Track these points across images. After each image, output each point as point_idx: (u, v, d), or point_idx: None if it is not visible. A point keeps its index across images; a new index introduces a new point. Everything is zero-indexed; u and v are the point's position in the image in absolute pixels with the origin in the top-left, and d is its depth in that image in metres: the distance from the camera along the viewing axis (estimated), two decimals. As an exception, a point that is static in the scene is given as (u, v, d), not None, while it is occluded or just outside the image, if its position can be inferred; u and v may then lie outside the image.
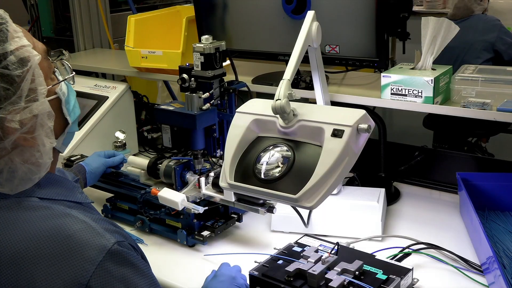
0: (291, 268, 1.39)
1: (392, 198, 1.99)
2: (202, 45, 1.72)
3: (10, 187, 1.07)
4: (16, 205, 1.07)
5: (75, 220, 1.05)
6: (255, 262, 1.48)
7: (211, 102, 1.73)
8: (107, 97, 2.37)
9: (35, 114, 1.05)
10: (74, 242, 1.01)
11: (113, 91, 2.40)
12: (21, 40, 1.05)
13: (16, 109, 1.02)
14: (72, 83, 1.19)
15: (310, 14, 1.57)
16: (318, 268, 1.36)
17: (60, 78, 1.15)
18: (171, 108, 1.74)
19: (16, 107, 1.02)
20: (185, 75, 1.77)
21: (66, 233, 1.02)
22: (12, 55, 1.02)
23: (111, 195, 2.00)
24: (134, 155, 2.27)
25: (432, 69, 1.79)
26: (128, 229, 1.85)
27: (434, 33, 1.77)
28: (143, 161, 1.89)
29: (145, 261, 1.15)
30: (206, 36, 1.74)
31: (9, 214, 1.05)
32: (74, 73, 1.19)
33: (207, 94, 1.72)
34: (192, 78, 1.72)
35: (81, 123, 2.29)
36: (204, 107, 1.70)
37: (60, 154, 1.21)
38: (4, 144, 1.03)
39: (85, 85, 2.47)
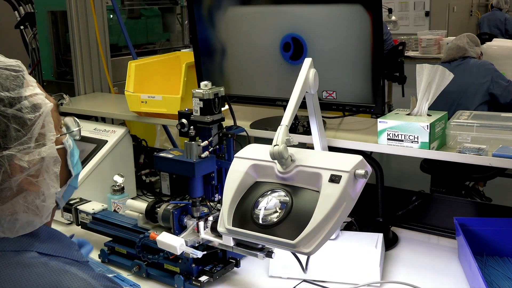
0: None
1: (390, 243, 1.98)
2: (201, 90, 1.75)
3: (11, 231, 1.07)
4: (14, 261, 1.04)
5: (74, 277, 1.03)
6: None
7: (210, 150, 1.74)
8: (106, 141, 2.38)
9: (43, 156, 1.06)
10: None
11: (112, 135, 2.42)
12: (35, 89, 1.09)
13: (25, 150, 1.04)
14: (78, 138, 1.22)
15: (307, 61, 1.60)
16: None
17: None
18: (170, 155, 1.76)
19: (25, 147, 1.04)
20: (184, 120, 1.79)
21: None
22: (26, 100, 1.05)
23: (108, 238, 1.99)
24: (132, 198, 2.27)
25: (428, 114, 1.82)
26: (125, 274, 1.84)
27: (429, 80, 1.81)
28: (141, 204, 1.89)
29: None
30: (205, 82, 1.77)
31: (6, 272, 1.02)
32: (81, 126, 1.22)
33: (206, 142, 1.73)
34: (192, 127, 1.74)
35: (80, 166, 2.30)
36: (203, 155, 1.71)
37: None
38: (10, 183, 1.03)
39: (85, 129, 2.48)
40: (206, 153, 1.73)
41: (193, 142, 1.72)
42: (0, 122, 1.00)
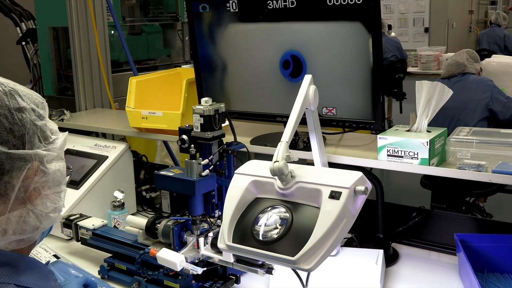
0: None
1: (390, 259, 1.98)
2: (202, 107, 1.76)
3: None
4: None
5: None
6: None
7: (210, 167, 1.75)
8: (107, 157, 2.39)
9: (58, 169, 1.12)
10: None
11: (113, 150, 2.42)
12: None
13: (46, 157, 1.09)
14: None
15: (307, 78, 1.61)
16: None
17: None
18: (170, 174, 1.76)
19: (46, 155, 1.09)
20: (184, 136, 1.79)
21: None
22: (49, 122, 1.14)
23: (108, 254, 1.99)
24: (132, 214, 2.27)
25: (427, 131, 1.82)
26: (124, 291, 1.84)
27: (428, 96, 1.82)
28: (141, 220, 1.89)
29: None
30: (206, 98, 1.78)
31: None
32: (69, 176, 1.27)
33: (206, 161, 1.74)
34: (192, 145, 1.74)
35: (80, 182, 2.30)
36: (203, 173, 1.72)
37: (59, 213, 1.21)
38: (29, 184, 1.05)
39: (85, 144, 2.50)
40: (207, 171, 1.73)
41: (193, 160, 1.72)
42: (31, 128, 1.07)
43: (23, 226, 1.07)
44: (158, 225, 1.82)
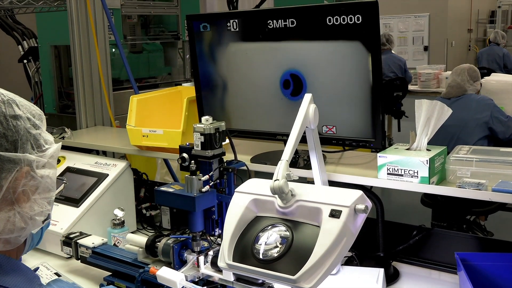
0: None
1: (391, 278, 1.97)
2: (202, 125, 1.77)
3: None
4: None
5: None
6: None
7: (211, 184, 1.75)
8: (107, 175, 2.39)
9: (48, 174, 1.16)
10: None
11: (113, 168, 2.42)
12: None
13: (37, 163, 1.13)
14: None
15: (307, 97, 1.62)
16: None
17: None
18: (171, 189, 1.76)
19: (38, 160, 1.13)
20: (185, 155, 1.80)
21: None
22: (44, 133, 1.19)
23: (108, 273, 1.98)
24: (132, 232, 2.27)
25: (427, 149, 1.83)
26: (124, 309, 1.83)
27: (428, 115, 1.83)
28: (142, 239, 1.89)
29: None
30: (207, 117, 1.79)
31: None
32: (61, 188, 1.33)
33: (206, 177, 1.74)
34: (193, 161, 1.75)
35: (80, 200, 2.30)
36: (203, 189, 1.72)
37: (59, 232, 1.23)
38: (17, 186, 1.09)
39: (86, 162, 2.50)
40: (207, 187, 1.73)
41: (193, 177, 1.72)
42: (24, 135, 1.12)
43: (9, 226, 1.11)
44: (158, 243, 1.81)
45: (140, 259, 1.88)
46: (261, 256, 1.37)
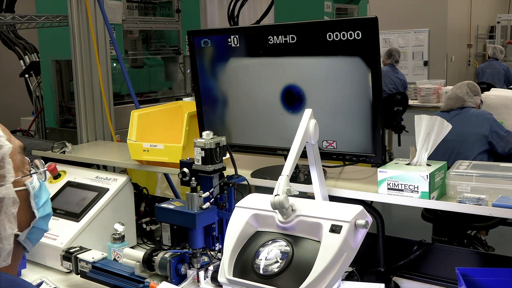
0: None
1: (392, 293, 1.96)
2: (203, 140, 1.77)
3: None
4: None
5: None
6: None
7: (211, 200, 1.75)
8: (108, 189, 2.39)
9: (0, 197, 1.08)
10: None
11: (114, 183, 2.42)
12: None
13: None
14: (43, 179, 1.22)
15: (307, 112, 1.63)
16: None
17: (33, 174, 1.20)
18: (171, 206, 1.77)
19: None
20: (185, 169, 1.81)
21: None
22: None
23: (105, 287, 1.97)
24: (132, 247, 2.26)
25: (427, 164, 1.83)
26: (124, 325, 1.82)
27: (428, 130, 1.83)
28: (139, 253, 1.89)
29: None
30: (207, 131, 1.79)
31: None
32: (45, 168, 1.24)
33: (207, 193, 1.74)
34: (193, 178, 1.75)
35: (80, 215, 2.30)
36: (204, 206, 1.72)
37: (58, 246, 1.20)
38: None
39: (86, 176, 2.51)
40: (207, 204, 1.73)
41: (194, 193, 1.73)
42: None
43: None
44: (155, 257, 1.81)
45: (137, 273, 1.88)
46: (261, 271, 1.37)
